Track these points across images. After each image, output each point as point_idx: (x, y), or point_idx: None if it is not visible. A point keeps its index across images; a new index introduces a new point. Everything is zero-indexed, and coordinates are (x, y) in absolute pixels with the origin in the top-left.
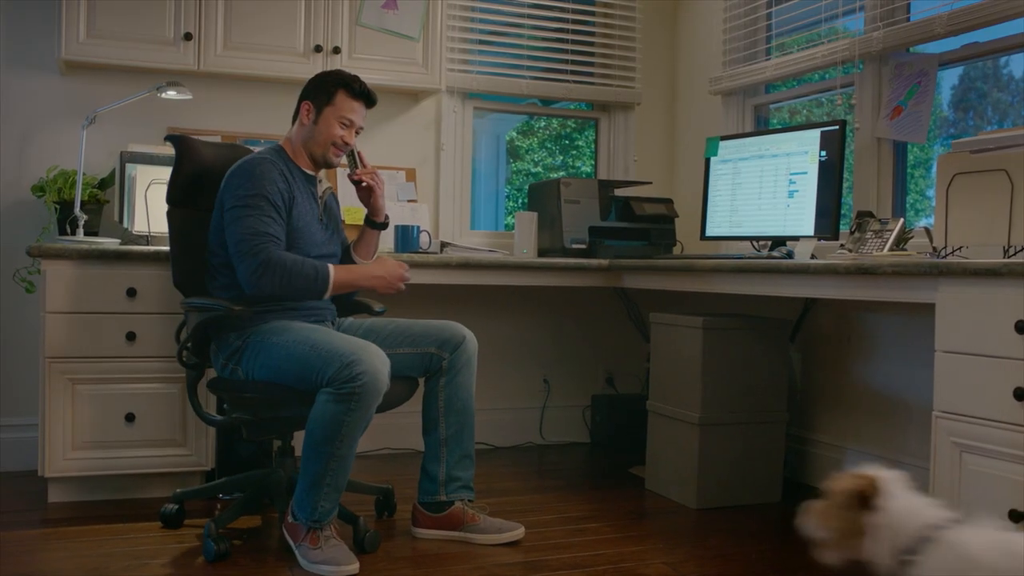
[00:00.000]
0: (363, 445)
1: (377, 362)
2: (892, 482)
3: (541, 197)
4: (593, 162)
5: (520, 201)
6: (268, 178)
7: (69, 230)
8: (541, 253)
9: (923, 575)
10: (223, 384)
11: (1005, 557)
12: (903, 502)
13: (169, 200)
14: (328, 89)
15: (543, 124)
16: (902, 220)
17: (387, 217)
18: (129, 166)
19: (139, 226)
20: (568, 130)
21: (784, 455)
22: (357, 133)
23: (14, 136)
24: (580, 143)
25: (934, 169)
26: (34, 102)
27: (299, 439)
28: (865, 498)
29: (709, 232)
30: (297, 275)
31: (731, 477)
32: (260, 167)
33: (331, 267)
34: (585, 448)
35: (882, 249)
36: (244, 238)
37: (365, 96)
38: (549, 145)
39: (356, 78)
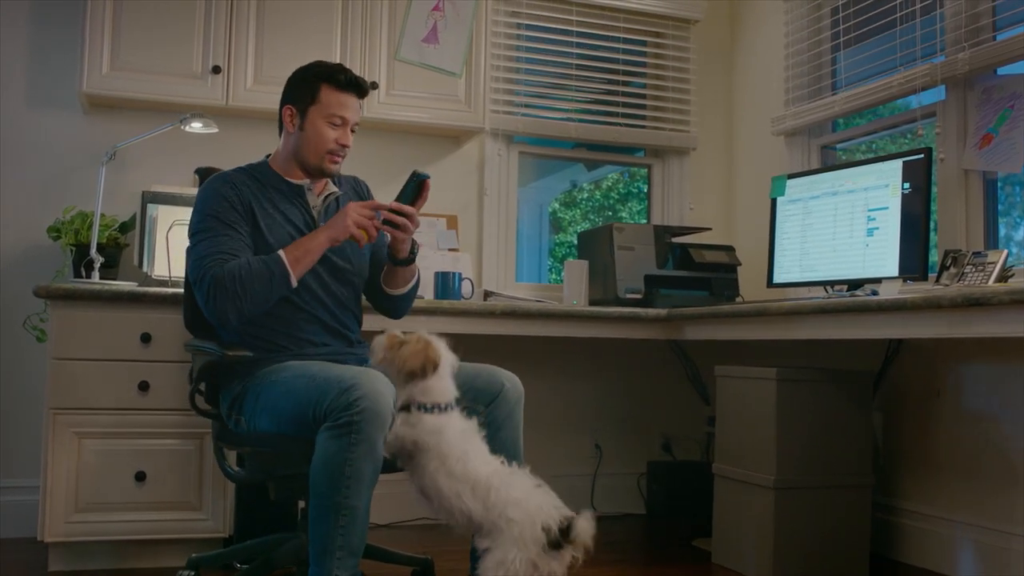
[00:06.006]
0: (398, 514)
1: (378, 384)
2: (446, 362)
3: (592, 244)
4: (647, 212)
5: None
6: (215, 195)
7: (84, 273)
8: (593, 304)
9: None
10: (228, 437)
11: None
12: (442, 381)
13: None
14: (310, 85)
15: (586, 196)
16: (1006, 252)
17: (413, 251)
18: (151, 207)
19: (159, 270)
20: (612, 200)
21: (871, 524)
22: (353, 132)
23: (34, 176)
24: (623, 214)
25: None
26: (55, 141)
27: None
28: (424, 373)
29: (777, 279)
30: (250, 278)
31: (813, 548)
32: (208, 187)
33: (280, 252)
34: (641, 520)
35: (987, 282)
36: (192, 268)
37: (354, 85)
38: (592, 217)
39: (340, 66)
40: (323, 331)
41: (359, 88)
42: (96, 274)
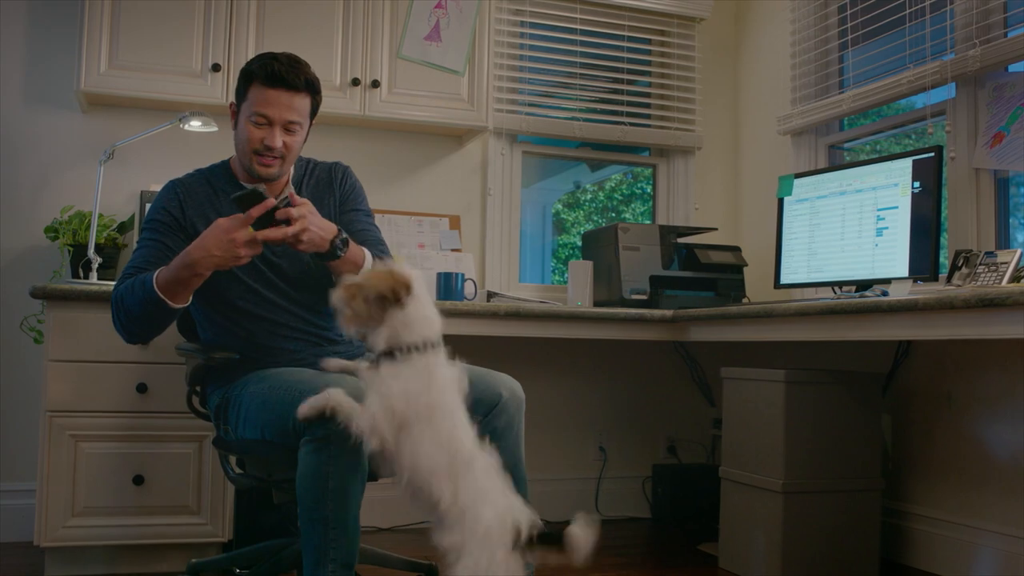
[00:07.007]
0: (399, 517)
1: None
2: (420, 284)
3: (596, 245)
4: (650, 213)
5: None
6: (155, 207)
7: (82, 274)
8: (597, 305)
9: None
10: (221, 442)
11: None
12: (422, 307)
13: None
14: (242, 81)
15: (589, 197)
16: (1019, 251)
17: (336, 244)
18: (149, 206)
19: None
20: (615, 202)
21: (880, 529)
22: (290, 131)
23: (32, 176)
24: (627, 215)
25: None
26: (53, 140)
27: None
28: (397, 297)
29: (784, 279)
30: (132, 302)
31: (821, 553)
32: (156, 196)
33: (154, 276)
34: (646, 523)
35: (1000, 282)
36: None
37: (279, 80)
38: (596, 218)
39: (271, 58)
40: (296, 337)
41: (285, 82)
42: (94, 275)
